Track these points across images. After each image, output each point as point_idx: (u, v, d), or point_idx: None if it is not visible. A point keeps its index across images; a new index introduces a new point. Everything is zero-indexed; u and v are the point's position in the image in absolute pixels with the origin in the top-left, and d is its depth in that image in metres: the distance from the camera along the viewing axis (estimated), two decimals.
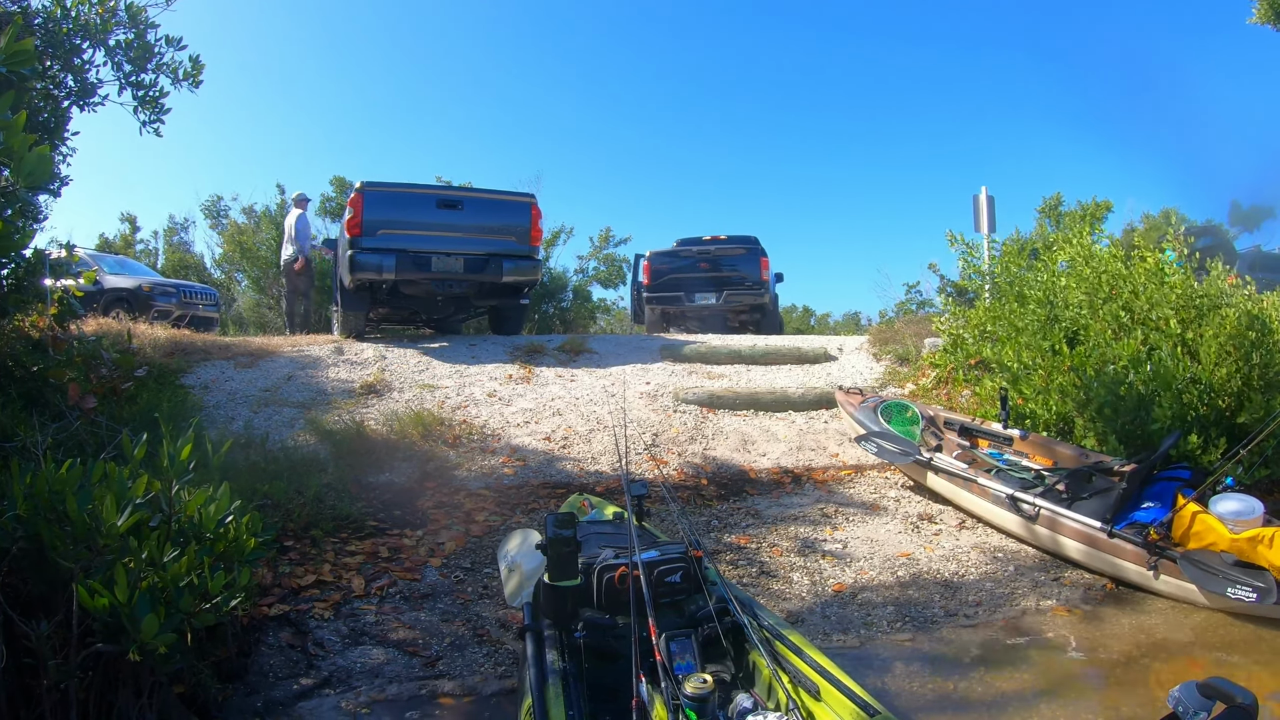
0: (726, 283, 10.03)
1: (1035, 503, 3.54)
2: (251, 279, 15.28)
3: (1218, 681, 1.25)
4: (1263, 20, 6.03)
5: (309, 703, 2.32)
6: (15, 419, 2.92)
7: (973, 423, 4.46)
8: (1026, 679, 2.49)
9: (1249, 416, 3.83)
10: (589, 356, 6.94)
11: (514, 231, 7.24)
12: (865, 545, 3.69)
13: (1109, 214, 11.84)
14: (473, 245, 7.00)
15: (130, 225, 17.40)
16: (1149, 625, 2.90)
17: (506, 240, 7.16)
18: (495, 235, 7.14)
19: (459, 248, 6.93)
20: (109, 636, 1.77)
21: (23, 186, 1.91)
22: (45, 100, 3.76)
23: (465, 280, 7.01)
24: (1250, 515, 2.98)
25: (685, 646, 1.81)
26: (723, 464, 4.74)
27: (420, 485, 4.10)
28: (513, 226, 7.24)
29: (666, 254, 10.43)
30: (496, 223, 7.18)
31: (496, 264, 7.01)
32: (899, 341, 7.14)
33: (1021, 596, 3.16)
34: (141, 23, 3.92)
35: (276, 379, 5.83)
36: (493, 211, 7.24)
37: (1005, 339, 5.12)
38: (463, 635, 2.78)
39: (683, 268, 10.12)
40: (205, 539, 2.04)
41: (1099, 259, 4.94)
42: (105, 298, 9.37)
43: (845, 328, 18.48)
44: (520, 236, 7.23)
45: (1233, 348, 3.99)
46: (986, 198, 8.03)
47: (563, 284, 15.73)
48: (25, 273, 3.42)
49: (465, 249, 6.94)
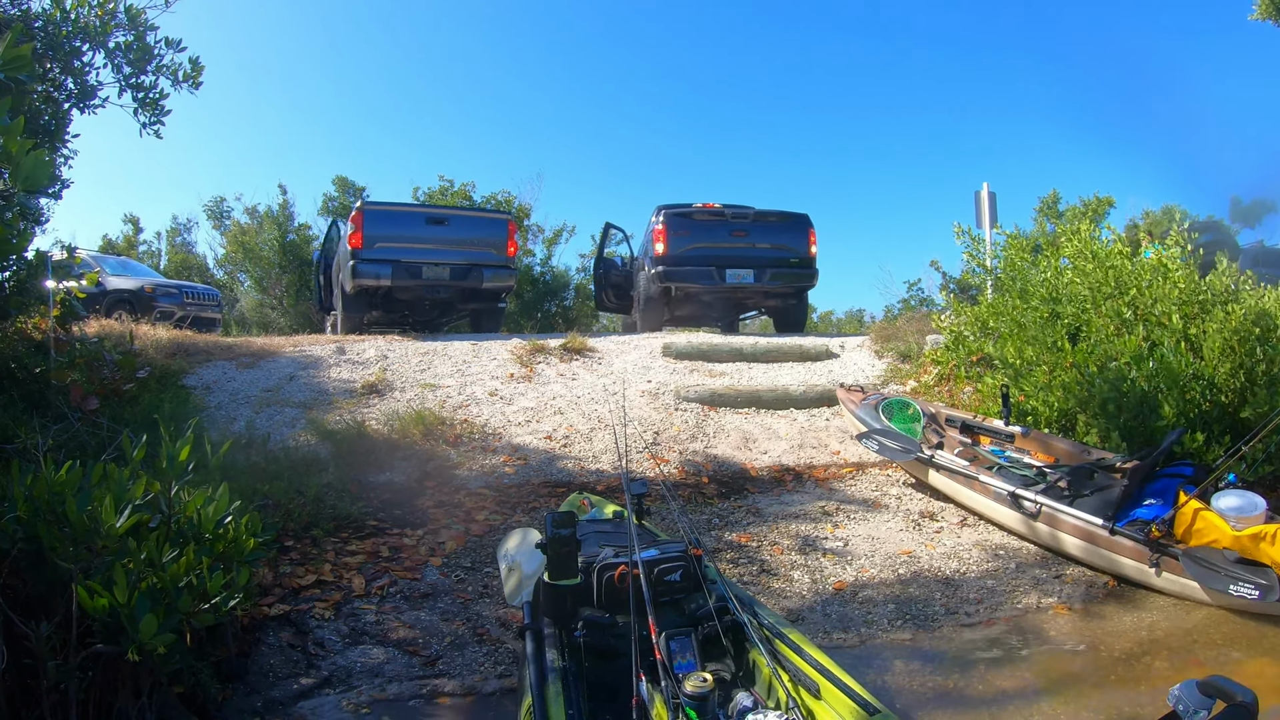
0: (767, 258, 8.17)
1: (1037, 500, 3.53)
2: (254, 279, 15.33)
3: (1218, 679, 1.24)
4: (1263, 16, 6.00)
5: (309, 702, 2.32)
6: (17, 420, 2.93)
7: (974, 420, 4.46)
8: (1027, 677, 2.48)
9: (1252, 412, 3.81)
10: (590, 355, 6.94)
11: (493, 244, 8.07)
12: (866, 543, 3.68)
13: (1111, 210, 11.82)
14: (457, 256, 7.86)
15: (133, 226, 17.49)
16: (1150, 623, 2.89)
17: (487, 252, 8.02)
18: (477, 248, 7.99)
19: (446, 258, 7.80)
20: (108, 637, 1.78)
21: (21, 190, 1.91)
22: (46, 103, 3.77)
23: (451, 286, 7.88)
24: (1253, 512, 2.97)
25: (685, 645, 1.81)
26: (724, 462, 4.74)
27: (421, 484, 4.10)
28: (492, 240, 8.07)
29: (686, 216, 8.25)
30: (478, 237, 8.05)
31: (478, 273, 7.88)
32: (900, 339, 7.13)
33: (1023, 594, 3.15)
34: (141, 25, 3.92)
35: (278, 379, 5.84)
36: (475, 227, 8.17)
37: (1007, 335, 5.11)
38: (463, 634, 2.78)
39: (710, 236, 8.11)
40: (204, 539, 2.04)
41: (1104, 254, 4.92)
42: (108, 299, 9.41)
43: (848, 325, 18.48)
44: (499, 249, 8.07)
45: (1236, 343, 3.97)
46: (988, 194, 8.02)
47: (565, 282, 15.76)
48: (27, 275, 3.43)
49: (451, 259, 7.82)
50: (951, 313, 6.10)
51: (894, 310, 11.72)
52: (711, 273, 8.01)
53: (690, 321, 9.29)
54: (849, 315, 19.72)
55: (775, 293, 8.59)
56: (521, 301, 14.56)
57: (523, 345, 6.88)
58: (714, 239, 8.13)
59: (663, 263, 8.08)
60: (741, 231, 8.20)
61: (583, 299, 15.95)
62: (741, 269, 8.09)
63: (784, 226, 8.43)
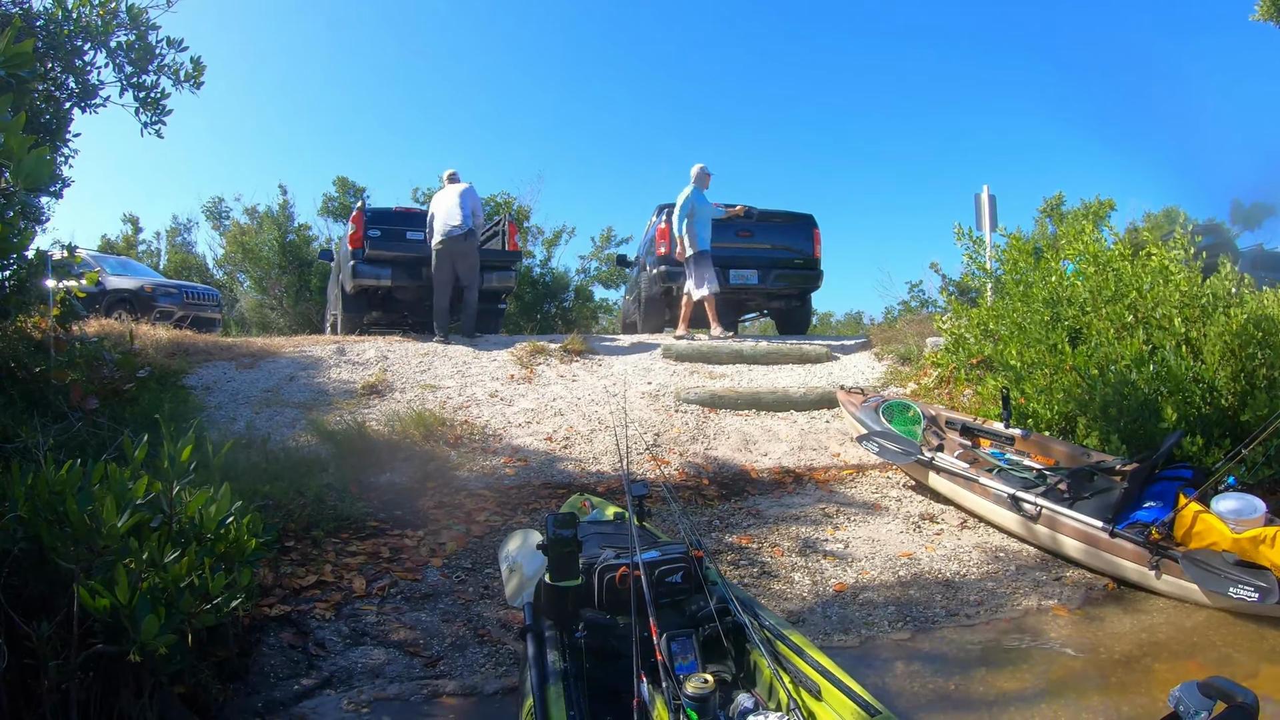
0: (772, 259, 7.96)
1: (1037, 502, 3.53)
2: (254, 279, 15.32)
3: (1219, 681, 1.24)
4: (1265, 17, 6.01)
5: (310, 702, 2.32)
6: (17, 420, 2.92)
7: (974, 422, 4.46)
8: (1028, 679, 2.48)
9: (1252, 415, 3.82)
10: (591, 356, 6.94)
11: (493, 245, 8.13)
12: (866, 545, 3.68)
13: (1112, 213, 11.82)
14: None
15: (133, 226, 17.47)
16: (1150, 625, 2.89)
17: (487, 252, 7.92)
18: None
19: None
20: (110, 637, 1.78)
21: (22, 188, 1.91)
22: (47, 102, 3.78)
23: None
24: (1252, 515, 2.98)
25: (686, 646, 1.81)
26: (724, 464, 4.74)
27: (421, 485, 4.10)
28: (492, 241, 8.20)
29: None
30: None
31: None
32: (901, 341, 7.13)
33: (1023, 596, 3.15)
34: (142, 24, 3.93)
35: (278, 379, 5.84)
36: None
37: (1008, 338, 5.11)
38: (464, 635, 2.78)
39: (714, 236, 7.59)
40: (206, 540, 2.04)
41: (1106, 257, 4.92)
42: (107, 299, 9.40)
43: (847, 327, 18.47)
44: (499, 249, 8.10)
45: (1237, 347, 3.98)
46: (988, 196, 8.03)
47: (565, 284, 15.76)
48: (27, 274, 3.42)
49: None
50: (952, 315, 6.10)
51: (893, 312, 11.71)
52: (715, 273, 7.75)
53: (691, 323, 9.26)
54: (848, 317, 19.73)
55: (779, 294, 8.39)
56: (521, 303, 14.56)
57: (523, 347, 6.89)
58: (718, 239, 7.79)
59: (665, 262, 7.89)
60: (746, 232, 8.00)
61: (583, 300, 15.95)
62: (745, 269, 7.90)
63: (788, 227, 8.27)
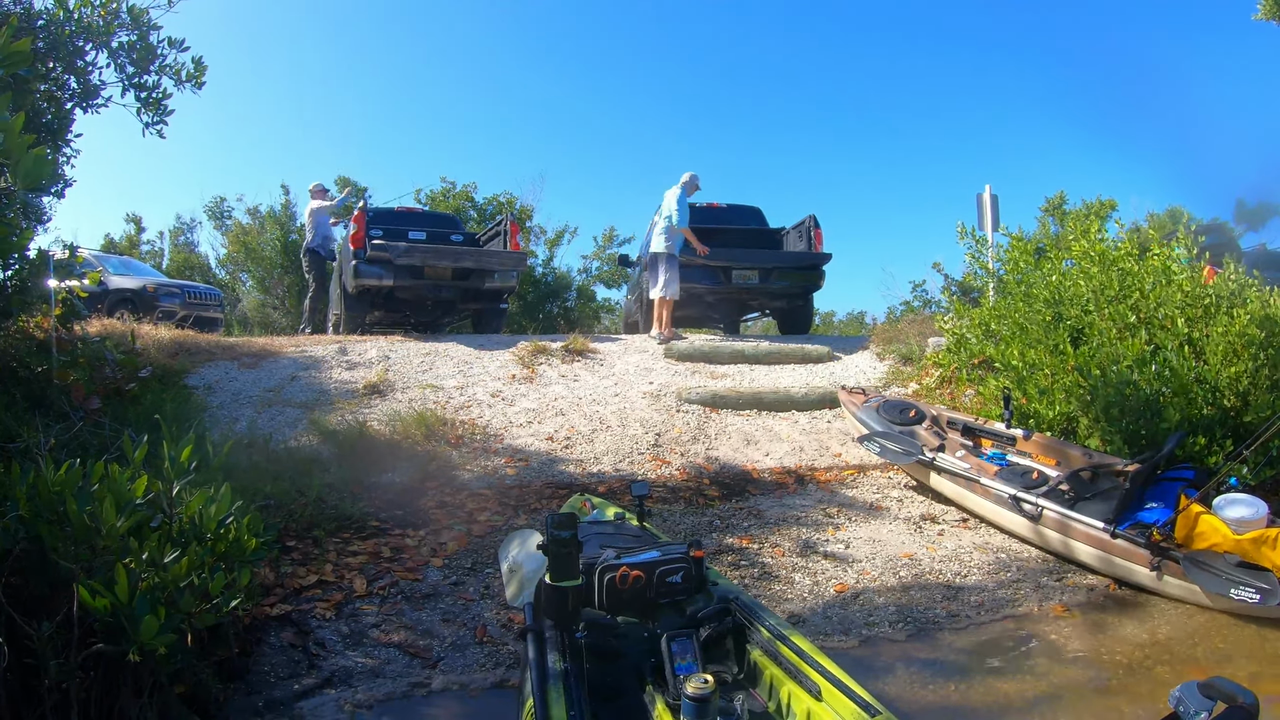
0: (774, 258, 8.00)
1: (1038, 503, 3.53)
2: (256, 279, 15.33)
3: (1219, 681, 1.24)
4: (1267, 16, 5.99)
5: (310, 702, 2.32)
6: (19, 419, 2.93)
7: (976, 422, 4.45)
8: (1029, 680, 2.48)
9: (1255, 416, 3.81)
10: (592, 356, 6.94)
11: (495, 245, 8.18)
12: (867, 546, 3.67)
13: (1113, 213, 11.80)
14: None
15: (135, 226, 17.48)
16: (1152, 626, 2.89)
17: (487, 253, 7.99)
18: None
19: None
20: (110, 637, 1.78)
21: (21, 188, 1.91)
22: (49, 102, 3.78)
23: (453, 287, 7.77)
24: (1254, 516, 2.97)
25: (686, 647, 1.81)
26: (725, 464, 4.73)
27: (422, 485, 4.10)
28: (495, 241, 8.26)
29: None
30: None
31: (480, 273, 7.72)
32: (903, 341, 7.13)
33: (1024, 597, 3.15)
34: (144, 24, 3.93)
35: (280, 379, 5.84)
36: None
37: (1009, 338, 5.10)
38: (464, 636, 2.78)
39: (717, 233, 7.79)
40: (206, 539, 2.04)
41: (1110, 256, 4.90)
42: (110, 298, 9.42)
43: (850, 327, 18.45)
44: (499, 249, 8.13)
45: (1240, 347, 3.96)
46: (990, 196, 8.02)
47: (567, 284, 15.75)
48: (29, 274, 3.43)
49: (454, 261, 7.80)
50: (954, 315, 6.09)
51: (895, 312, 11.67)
52: (717, 273, 7.74)
53: (693, 323, 9.23)
54: (850, 317, 19.70)
55: (781, 294, 8.34)
56: (523, 303, 14.56)
57: (525, 346, 6.89)
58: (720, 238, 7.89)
59: None
60: None
61: (585, 300, 15.95)
62: (747, 270, 7.87)
63: (791, 226, 8.44)
